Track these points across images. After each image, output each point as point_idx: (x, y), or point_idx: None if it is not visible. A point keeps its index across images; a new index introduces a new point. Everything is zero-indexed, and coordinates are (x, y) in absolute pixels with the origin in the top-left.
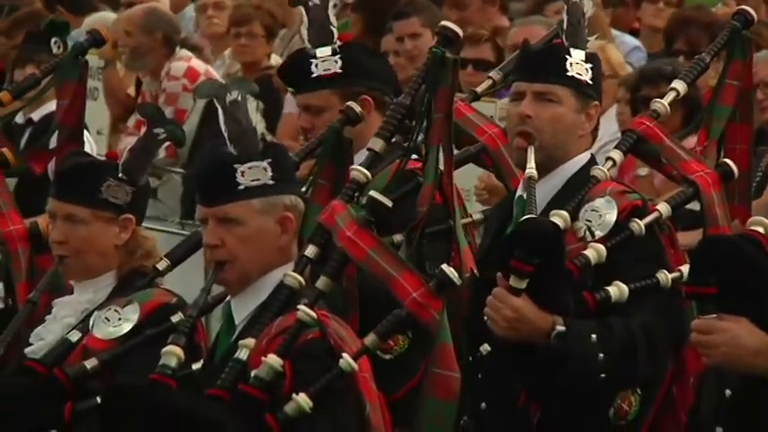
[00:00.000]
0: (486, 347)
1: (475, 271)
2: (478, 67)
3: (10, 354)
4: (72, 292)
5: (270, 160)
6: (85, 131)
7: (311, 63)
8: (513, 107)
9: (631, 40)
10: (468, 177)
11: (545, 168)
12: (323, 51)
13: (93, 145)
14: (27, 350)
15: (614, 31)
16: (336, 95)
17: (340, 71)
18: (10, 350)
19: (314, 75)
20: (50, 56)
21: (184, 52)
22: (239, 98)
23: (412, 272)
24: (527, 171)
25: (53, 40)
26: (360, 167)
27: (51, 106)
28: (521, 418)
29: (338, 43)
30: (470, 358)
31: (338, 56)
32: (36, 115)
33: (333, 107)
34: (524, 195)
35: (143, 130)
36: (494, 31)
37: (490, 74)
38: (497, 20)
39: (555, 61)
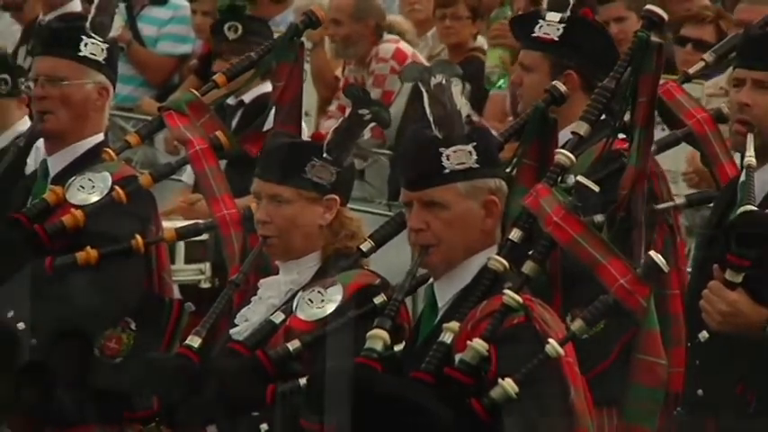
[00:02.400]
0: (704, 334)
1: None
2: (698, 47)
3: (214, 335)
4: (277, 273)
5: (474, 143)
6: None
7: (537, 23)
8: (734, 93)
9: None
10: (676, 159)
11: (763, 156)
12: (552, 16)
13: (303, 126)
14: (231, 331)
15: None
16: (547, 60)
17: (556, 39)
18: (214, 331)
19: (534, 34)
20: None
21: (392, 35)
22: (444, 81)
23: (619, 258)
24: (746, 159)
25: (227, 24)
26: (565, 151)
27: (263, 88)
28: (738, 406)
29: (568, 13)
30: (689, 345)
31: (562, 24)
32: (247, 97)
33: (541, 70)
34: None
35: (346, 112)
36: (718, 13)
37: (704, 56)
38: (698, 4)
39: None
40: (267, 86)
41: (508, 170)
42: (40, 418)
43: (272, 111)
